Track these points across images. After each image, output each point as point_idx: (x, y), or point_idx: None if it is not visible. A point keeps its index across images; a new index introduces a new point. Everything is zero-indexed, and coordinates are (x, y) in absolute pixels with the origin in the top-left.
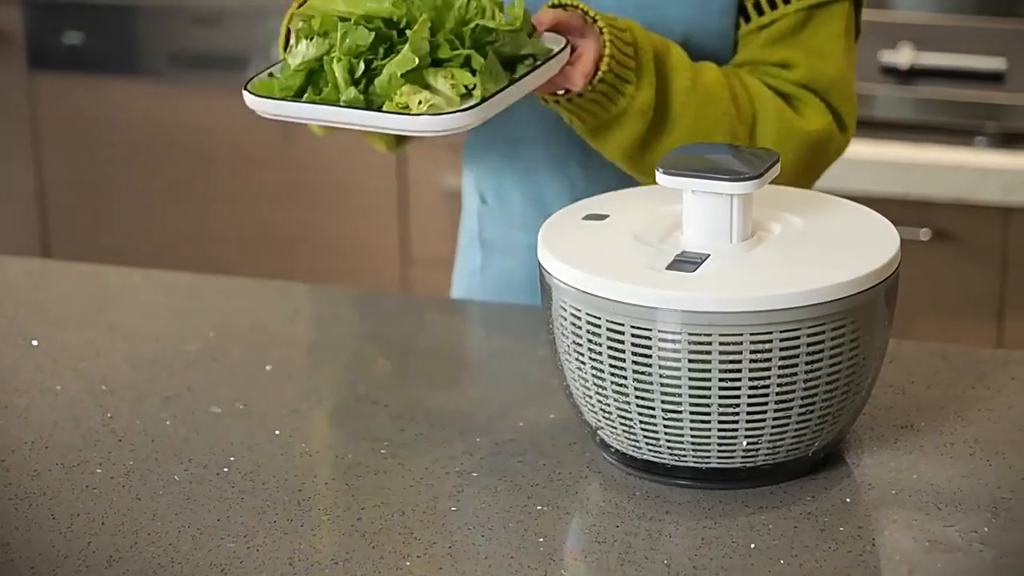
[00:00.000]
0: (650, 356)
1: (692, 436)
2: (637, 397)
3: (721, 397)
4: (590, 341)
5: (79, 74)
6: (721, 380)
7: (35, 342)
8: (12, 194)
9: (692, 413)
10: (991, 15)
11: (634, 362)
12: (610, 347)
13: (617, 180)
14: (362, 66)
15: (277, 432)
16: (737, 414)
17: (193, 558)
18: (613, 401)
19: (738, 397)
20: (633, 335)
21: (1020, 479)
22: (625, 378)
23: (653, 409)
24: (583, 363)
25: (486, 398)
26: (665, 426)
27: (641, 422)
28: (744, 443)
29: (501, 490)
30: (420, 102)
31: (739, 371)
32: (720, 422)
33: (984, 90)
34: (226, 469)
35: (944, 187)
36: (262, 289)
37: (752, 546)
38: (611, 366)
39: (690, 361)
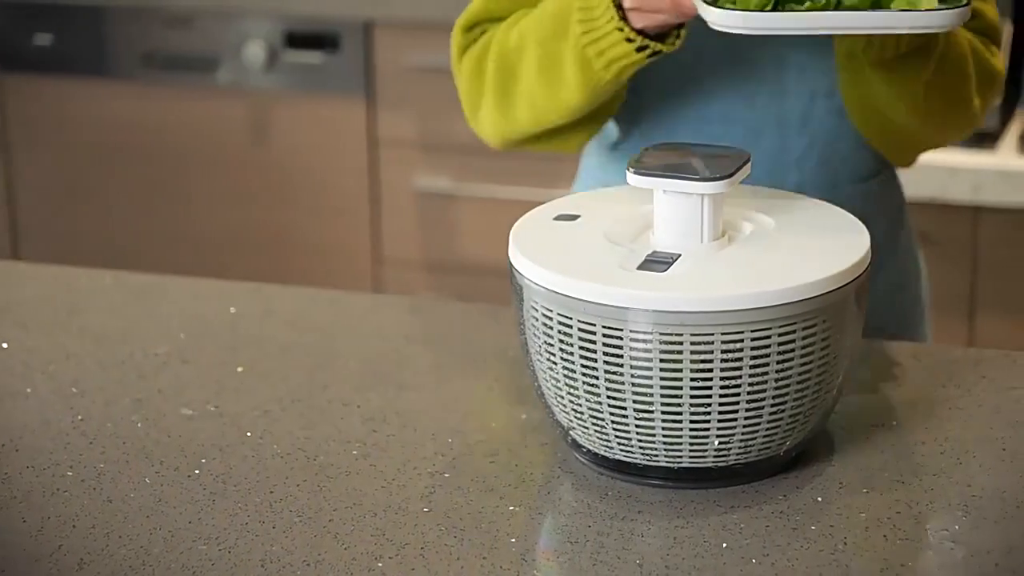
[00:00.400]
0: (621, 356)
1: (664, 436)
2: (609, 397)
3: (692, 397)
4: (562, 341)
5: (49, 76)
6: (693, 380)
7: (4, 344)
8: None
9: (664, 413)
10: None
11: (606, 362)
12: (582, 347)
13: (802, 155)
14: None
15: (249, 434)
16: (709, 414)
17: (164, 560)
18: (585, 401)
19: (709, 397)
20: (604, 335)
21: (991, 477)
22: (597, 378)
23: (625, 409)
24: (555, 363)
25: (458, 399)
26: (637, 426)
27: (613, 422)
28: (716, 442)
29: (473, 491)
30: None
31: (710, 371)
32: (692, 422)
33: None
34: (197, 471)
35: (914, 187)
36: (233, 290)
37: (724, 545)
38: (583, 366)
39: (661, 361)
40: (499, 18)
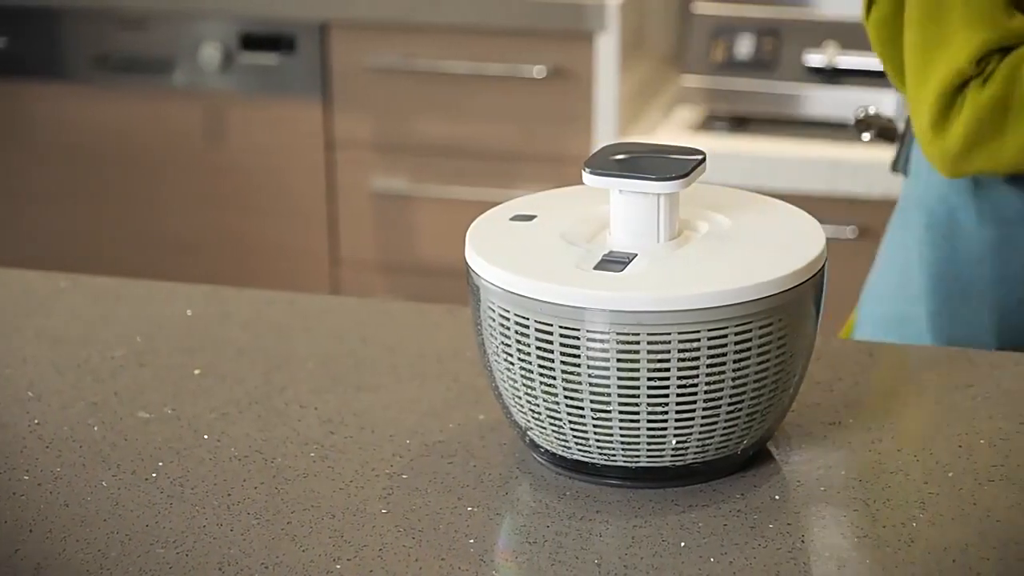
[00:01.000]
0: (579, 356)
1: (621, 435)
2: (566, 397)
3: (650, 396)
4: (519, 342)
5: (3, 78)
6: (650, 379)
7: None
8: None
9: (621, 412)
10: None
11: (563, 362)
12: (539, 347)
13: None
14: None
15: (206, 436)
16: (666, 413)
17: (122, 564)
18: (542, 401)
19: (667, 396)
20: (561, 335)
21: (947, 475)
22: (554, 378)
23: (582, 409)
24: (512, 364)
25: (415, 400)
26: (595, 426)
27: (570, 422)
28: (673, 442)
29: (431, 492)
30: None
31: (667, 370)
32: (649, 421)
33: None
34: (154, 474)
35: (869, 185)
36: (190, 293)
37: (682, 544)
38: (540, 366)
39: (619, 360)
40: (1015, 44)
